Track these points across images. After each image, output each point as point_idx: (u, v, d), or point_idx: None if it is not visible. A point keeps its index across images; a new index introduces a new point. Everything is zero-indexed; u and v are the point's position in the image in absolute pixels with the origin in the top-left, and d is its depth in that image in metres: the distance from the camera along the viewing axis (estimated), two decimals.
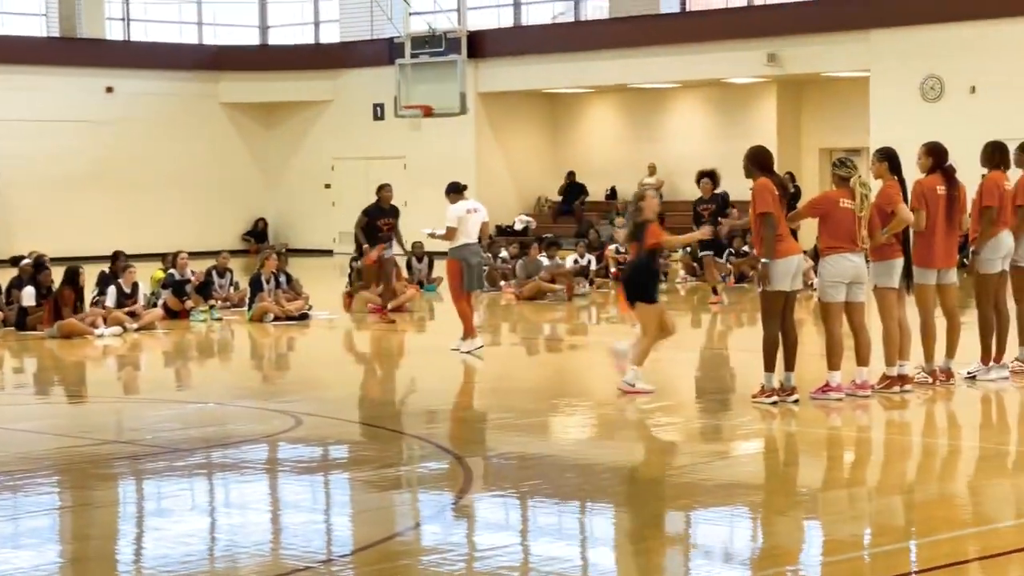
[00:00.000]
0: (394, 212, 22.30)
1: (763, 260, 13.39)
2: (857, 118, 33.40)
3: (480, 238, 18.73)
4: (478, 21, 38.73)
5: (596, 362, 18.65)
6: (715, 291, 24.23)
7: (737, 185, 14.29)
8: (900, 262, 13.94)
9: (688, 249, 30.19)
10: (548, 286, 25.92)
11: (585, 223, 36.21)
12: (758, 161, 13.62)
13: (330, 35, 43.77)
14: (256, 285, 22.86)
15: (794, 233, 13.86)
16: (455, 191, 18.70)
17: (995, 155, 14.81)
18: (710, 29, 35.35)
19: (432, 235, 18.85)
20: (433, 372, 17.43)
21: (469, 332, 18.16)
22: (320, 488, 10.91)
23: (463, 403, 15.27)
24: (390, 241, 22.18)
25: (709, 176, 24.15)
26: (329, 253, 40.88)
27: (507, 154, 39.88)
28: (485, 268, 22.29)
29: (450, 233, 18.13)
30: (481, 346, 18.11)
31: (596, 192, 39.56)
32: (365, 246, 22.45)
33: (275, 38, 45.35)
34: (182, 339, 20.86)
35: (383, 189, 22.41)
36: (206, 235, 38.71)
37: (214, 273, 24.32)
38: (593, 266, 28.26)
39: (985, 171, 14.79)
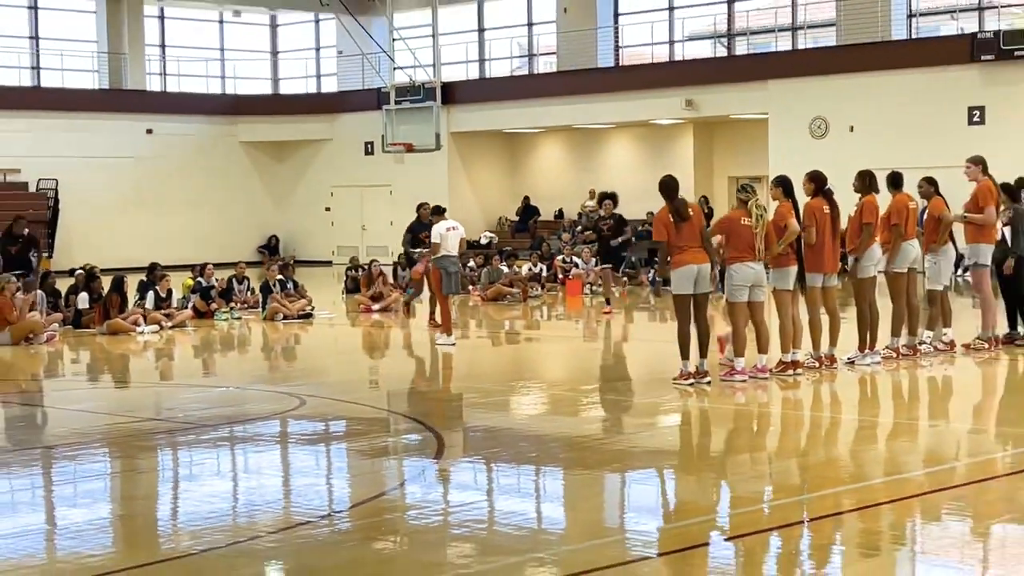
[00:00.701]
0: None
1: (658, 277, 13.56)
2: (758, 152, 33.51)
3: (461, 251, 18.61)
4: (450, 74, 38.74)
5: (547, 351, 18.64)
6: (608, 301, 22.63)
7: (658, 206, 14.29)
8: (794, 269, 14.00)
9: (634, 258, 30.23)
10: (507, 290, 25.91)
11: (538, 238, 36.21)
12: (663, 189, 13.63)
13: (329, 86, 43.72)
14: (265, 290, 22.88)
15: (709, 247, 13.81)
16: (438, 213, 18.60)
17: (868, 181, 14.89)
18: (638, 80, 35.42)
19: (421, 253, 18.74)
20: (414, 361, 17.41)
21: (447, 329, 18.07)
22: (321, 456, 10.89)
23: (438, 386, 15.24)
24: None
25: (610, 198, 23.10)
26: (328, 263, 40.81)
27: (474, 182, 39.86)
28: (478, 272, 21.76)
29: (435, 248, 18.05)
30: (454, 343, 18.00)
31: (547, 213, 39.58)
32: (417, 254, 21.00)
33: (284, 88, 45.26)
34: (208, 335, 20.78)
35: (422, 207, 21.24)
36: (228, 249, 38.57)
37: (234, 280, 24.25)
38: (544, 273, 28.27)
39: (859, 195, 14.88)
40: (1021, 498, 8.82)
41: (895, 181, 15.27)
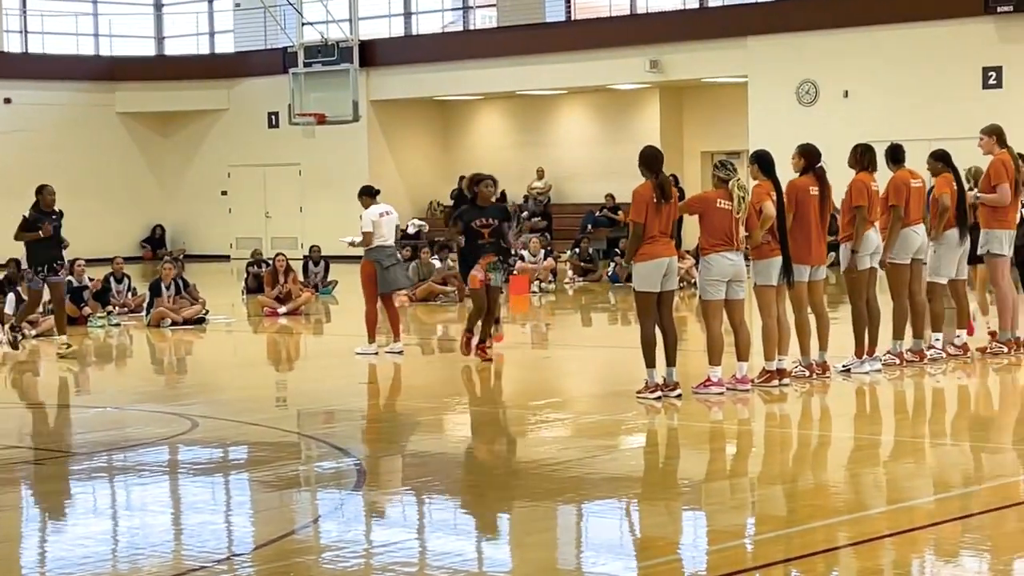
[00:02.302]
0: (497, 212, 17.09)
1: (623, 264, 13.50)
2: (736, 122, 33.66)
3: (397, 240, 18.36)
4: (370, 30, 38.65)
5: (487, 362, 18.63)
6: (485, 340, 17.24)
7: (625, 187, 14.28)
8: (778, 260, 14.03)
9: (577, 250, 30.29)
10: (440, 288, 25.90)
11: None
12: (647, 161, 13.59)
13: (225, 45, 43.49)
14: (155, 291, 22.68)
15: (679, 235, 13.90)
16: (368, 194, 18.33)
17: (863, 157, 15.00)
18: (594, 37, 35.47)
19: (352, 243, 18.38)
20: (328, 374, 17.36)
21: (371, 337, 17.96)
22: (218, 488, 10.86)
23: (358, 403, 15.20)
24: (496, 248, 16.86)
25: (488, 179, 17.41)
26: (226, 258, 40.65)
27: (399, 160, 39.81)
28: (405, 266, 21.21)
29: (367, 238, 17.79)
30: (376, 353, 17.94)
31: None
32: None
33: (170, 48, 45.01)
34: (80, 345, 20.63)
35: (480, 183, 17.10)
36: (104, 242, 38.21)
37: (112, 279, 24.10)
38: None
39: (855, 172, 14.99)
40: None
41: (895, 155, 15.38)
